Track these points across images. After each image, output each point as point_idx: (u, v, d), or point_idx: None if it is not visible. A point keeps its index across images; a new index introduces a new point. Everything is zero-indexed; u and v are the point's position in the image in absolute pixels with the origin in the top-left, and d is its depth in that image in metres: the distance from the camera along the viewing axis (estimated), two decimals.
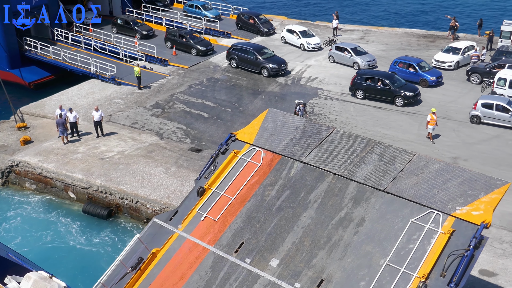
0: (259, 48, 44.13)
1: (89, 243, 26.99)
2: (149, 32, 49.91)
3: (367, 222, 14.80)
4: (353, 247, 14.41)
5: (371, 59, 44.15)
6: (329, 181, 15.91)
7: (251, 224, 15.51)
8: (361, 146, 16.77)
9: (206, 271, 14.87)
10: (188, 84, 41.61)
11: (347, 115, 36.18)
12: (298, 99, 36.17)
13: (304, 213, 15.36)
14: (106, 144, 32.65)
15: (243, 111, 37.22)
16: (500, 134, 33.37)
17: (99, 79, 41.63)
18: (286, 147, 17.08)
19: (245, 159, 17.02)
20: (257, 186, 16.28)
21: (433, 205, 14.65)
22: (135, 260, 15.42)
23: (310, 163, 16.46)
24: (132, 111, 37.06)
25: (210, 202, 16.30)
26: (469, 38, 50.05)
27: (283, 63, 42.98)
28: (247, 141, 17.47)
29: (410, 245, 14.04)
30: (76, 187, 29.20)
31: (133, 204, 27.75)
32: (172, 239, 15.83)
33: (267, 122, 18.05)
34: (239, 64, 43.88)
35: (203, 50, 46.52)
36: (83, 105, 37.70)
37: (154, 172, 29.56)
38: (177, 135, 33.93)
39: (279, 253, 14.75)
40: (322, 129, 17.68)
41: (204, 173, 17.15)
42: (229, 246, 15.21)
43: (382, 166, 16.01)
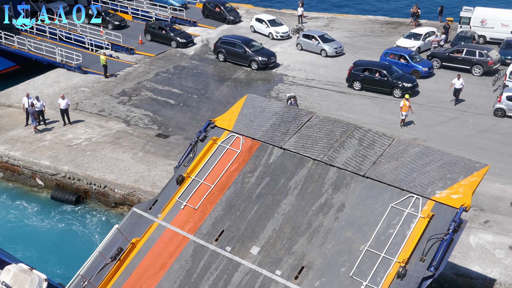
0: (247, 40, 43.32)
1: (58, 229, 26.76)
2: (121, 23, 49.26)
3: (347, 207, 14.66)
4: (333, 233, 14.28)
5: (338, 46, 44.17)
6: (309, 167, 15.73)
7: (231, 212, 15.33)
8: (340, 131, 16.56)
9: (186, 260, 14.73)
10: (155, 72, 41.70)
11: (311, 99, 37.04)
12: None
13: (284, 199, 15.22)
14: (73, 131, 32.48)
15: (210, 97, 37.71)
16: (458, 116, 34.64)
17: (65, 68, 41.22)
18: (265, 133, 16.84)
19: (224, 146, 16.77)
20: (236, 174, 16.07)
21: (412, 189, 14.52)
22: (114, 250, 15.16)
23: (289, 149, 16.23)
24: (99, 99, 36.98)
25: (189, 190, 16.09)
26: (431, 24, 51.28)
27: (272, 56, 42.34)
28: (226, 127, 17.23)
29: (390, 230, 13.95)
30: (43, 174, 29.04)
31: (101, 189, 27.80)
32: (152, 228, 15.60)
33: (246, 108, 17.80)
34: (227, 57, 43.05)
35: (183, 42, 45.94)
36: (49, 94, 37.45)
37: (121, 158, 29.60)
38: (144, 122, 34.08)
39: (259, 240, 14.61)
40: (302, 114, 17.42)
41: (183, 161, 16.91)
42: (209, 235, 15.03)
43: (361, 150, 15.84)
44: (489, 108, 35.06)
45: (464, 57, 39.90)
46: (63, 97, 32.66)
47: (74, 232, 26.80)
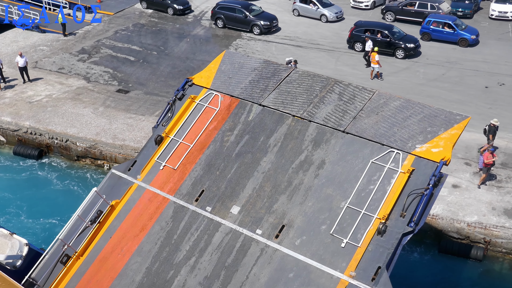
0: (247, 5, 41.92)
1: (23, 183, 26.94)
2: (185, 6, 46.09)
3: (327, 164, 14.43)
4: (313, 191, 14.11)
5: (338, 11, 42.69)
6: (289, 123, 15.44)
7: (211, 172, 15.06)
8: (320, 86, 16.17)
9: (167, 222, 14.55)
10: (114, 30, 41.60)
11: (268, 54, 37.82)
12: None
13: (264, 157, 14.95)
14: (33, 89, 32.48)
15: (169, 53, 38.09)
16: (409, 67, 35.99)
17: (22, 28, 41.72)
18: (244, 90, 16.42)
19: (203, 105, 16.37)
20: (215, 132, 15.77)
21: (393, 144, 14.29)
22: (94, 213, 14.89)
23: (269, 106, 15.88)
24: (58, 57, 36.87)
25: (168, 150, 15.80)
26: None
27: (274, 19, 41.10)
28: (204, 85, 16.81)
29: (370, 186, 13.82)
30: (5, 130, 29.06)
31: (63, 143, 28.08)
32: (131, 190, 15.37)
33: (224, 65, 17.35)
34: (226, 23, 41.53)
35: (180, 9, 44.47)
36: (7, 53, 37.04)
37: (82, 113, 29.82)
38: (104, 78, 34.30)
39: (239, 200, 14.43)
40: (281, 70, 16.98)
41: (162, 121, 16.53)
42: (189, 195, 14.84)
43: (342, 105, 15.49)
44: (440, 59, 36.49)
45: (416, 10, 41.08)
46: (21, 54, 32.59)
47: (39, 186, 27.11)
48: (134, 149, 27.24)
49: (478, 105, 30.79)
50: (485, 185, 24.12)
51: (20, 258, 15.55)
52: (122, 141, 27.66)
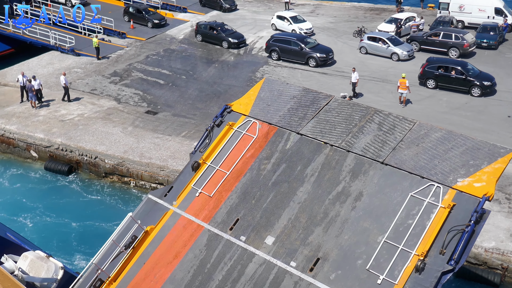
0: (302, 37, 41.69)
1: (52, 198, 27.88)
2: (161, 21, 48.40)
3: (365, 196, 14.01)
4: (350, 223, 13.68)
5: (410, 49, 41.09)
6: (326, 153, 15.08)
7: (246, 200, 14.85)
8: (359, 115, 15.77)
9: (200, 250, 14.36)
10: (145, 54, 42.95)
11: (294, 80, 38.54)
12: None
13: (301, 187, 14.63)
14: (66, 108, 33.63)
15: (197, 78, 39.12)
16: (433, 95, 36.35)
17: (58, 51, 42.62)
18: (282, 118, 16.21)
19: (241, 132, 16.20)
20: (252, 160, 15.59)
21: (433, 177, 13.78)
22: (128, 238, 14.77)
23: (307, 135, 15.60)
24: (91, 79, 38.17)
25: (205, 177, 15.64)
26: (413, 10, 53.13)
27: (330, 52, 40.40)
28: (242, 112, 16.66)
29: (409, 221, 13.31)
30: (37, 146, 30.17)
31: (92, 159, 29.04)
32: (167, 216, 15.24)
33: (263, 92, 17.22)
34: (281, 56, 41.01)
35: (235, 42, 43.79)
36: (43, 74, 38.37)
37: (112, 131, 30.76)
38: (134, 100, 35.48)
39: (274, 230, 14.12)
40: (320, 98, 16.65)
41: (199, 147, 16.42)
42: (224, 223, 14.61)
43: (381, 136, 15.08)
44: None
45: (441, 40, 41.46)
46: (64, 74, 34.40)
47: (69, 203, 27.91)
48: (160, 167, 28.04)
49: (500, 134, 30.90)
50: (503, 212, 24.20)
51: (55, 281, 15.53)
52: (148, 159, 28.50)
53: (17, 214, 26.85)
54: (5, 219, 25.90)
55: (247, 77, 38.81)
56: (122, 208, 27.33)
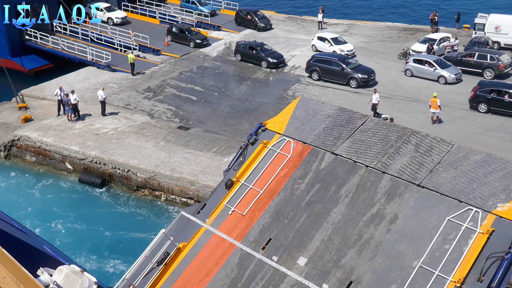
0: (343, 57, 41.45)
1: (85, 210, 28.50)
2: (203, 41, 48.76)
3: (400, 219, 13.76)
4: (384, 247, 13.48)
5: (458, 72, 39.99)
6: (361, 174, 14.87)
7: (279, 220, 14.76)
8: (396, 136, 15.58)
9: (232, 268, 14.29)
10: (179, 71, 43.72)
11: (326, 99, 38.66)
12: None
13: (334, 208, 14.50)
14: (101, 122, 34.48)
15: (229, 95, 39.66)
16: (466, 116, 36.03)
17: (95, 66, 43.58)
18: (317, 138, 16.12)
19: (275, 150, 16.19)
20: (286, 179, 15.50)
21: (472, 201, 13.48)
22: (161, 255, 14.88)
23: (341, 155, 15.45)
24: (126, 94, 39.06)
25: (238, 195, 15.64)
26: (448, 31, 52.87)
27: (372, 73, 40.07)
28: (277, 131, 16.67)
29: (445, 246, 13.05)
30: (72, 159, 31.00)
31: (124, 173, 29.65)
32: (199, 233, 15.27)
33: (298, 111, 17.19)
34: (322, 76, 40.77)
35: (275, 62, 43.92)
36: (80, 89, 39.36)
37: (144, 146, 31.43)
38: (167, 115, 36.22)
39: (307, 251, 13.99)
40: (356, 118, 16.53)
41: (233, 165, 16.42)
42: (256, 242, 14.55)
43: (418, 157, 14.85)
44: None
45: (476, 61, 41.19)
46: (103, 89, 35.46)
47: (99, 213, 28.66)
48: (190, 182, 28.46)
49: None
50: None
51: None
52: (179, 174, 28.97)
53: (51, 224, 27.61)
54: (38, 227, 26.71)
55: (278, 95, 39.18)
56: (152, 221, 27.84)
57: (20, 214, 27.66)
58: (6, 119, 36.31)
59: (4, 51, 45.89)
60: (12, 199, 29.67)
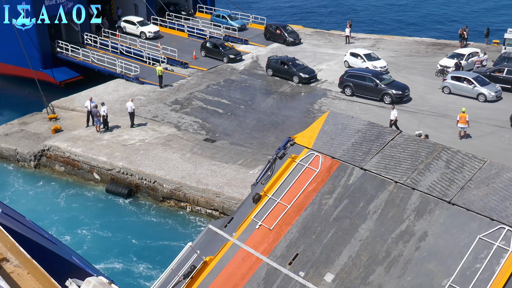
0: (377, 73, 41.02)
1: (111, 220, 29.02)
2: (237, 56, 48.78)
3: (430, 236, 13.59)
4: (413, 264, 13.31)
5: (497, 90, 39.08)
6: (391, 190, 14.73)
7: (306, 235, 14.71)
8: (426, 152, 15.42)
9: (258, 283, 14.24)
10: (206, 84, 44.27)
11: (352, 113, 38.63)
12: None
13: (363, 224, 14.38)
14: (128, 133, 35.07)
15: (256, 108, 39.95)
16: (495, 132, 35.70)
17: (123, 79, 44.41)
18: (346, 152, 16.04)
19: (303, 165, 16.14)
20: (314, 194, 15.45)
21: (504, 219, 13.26)
22: (187, 268, 14.85)
23: (370, 170, 15.35)
24: (153, 106, 39.67)
25: (265, 209, 15.64)
26: (477, 46, 52.48)
27: (406, 89, 39.53)
28: (305, 145, 16.66)
29: (476, 265, 12.81)
30: (100, 169, 31.62)
31: (151, 184, 30.06)
32: (226, 247, 15.27)
33: (327, 125, 17.14)
34: (355, 92, 40.36)
35: (306, 77, 43.73)
36: (108, 101, 40.03)
37: (171, 157, 31.88)
38: (194, 128, 36.63)
39: (334, 267, 13.87)
40: (386, 133, 16.45)
41: (261, 179, 16.46)
42: (283, 257, 14.50)
43: (448, 174, 14.64)
44: None
45: (504, 76, 40.83)
46: (132, 100, 36.10)
47: (125, 223, 29.11)
48: (216, 193, 28.72)
49: None
50: None
51: None
52: (205, 185, 29.26)
53: (77, 232, 28.16)
54: (65, 235, 27.22)
55: (304, 109, 39.36)
56: (178, 231, 28.18)
57: (47, 222, 28.25)
58: (36, 129, 37.17)
59: (36, 63, 46.98)
60: (39, 208, 30.33)
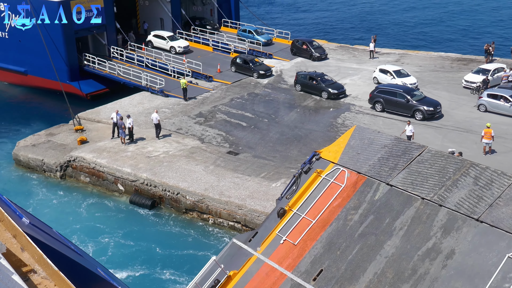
0: (408, 89, 40.58)
1: (135, 231, 29.32)
2: (267, 72, 48.67)
3: (457, 254, 13.35)
4: (440, 283, 13.09)
5: None
6: (417, 206, 14.57)
7: (331, 251, 14.58)
8: (454, 168, 15.18)
9: None
10: (230, 97, 44.69)
11: (375, 127, 38.68)
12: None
13: (388, 241, 14.22)
14: (153, 145, 35.52)
15: (279, 121, 40.19)
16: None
17: (149, 92, 45.10)
18: (372, 168, 15.90)
19: (328, 180, 16.05)
20: (339, 210, 15.36)
21: None
22: (211, 282, 14.80)
23: (397, 186, 15.20)
24: (178, 119, 40.18)
25: (290, 224, 15.56)
26: (502, 61, 52.12)
27: (438, 105, 39.02)
28: (331, 160, 16.56)
29: (505, 284, 12.56)
30: (124, 180, 32.03)
31: (174, 195, 30.34)
32: (250, 262, 15.21)
33: (353, 140, 17.03)
34: (385, 107, 40.13)
35: (335, 93, 43.63)
36: (134, 113, 40.69)
37: (194, 169, 32.21)
38: (217, 140, 36.97)
39: (359, 284, 13.73)
40: (412, 148, 16.25)
41: (286, 193, 16.39)
42: (307, 273, 14.41)
43: (477, 191, 14.41)
44: None
45: None
46: (157, 112, 36.59)
47: (148, 234, 29.38)
48: (238, 206, 28.89)
49: None
50: None
51: None
52: (227, 198, 29.46)
53: (101, 242, 28.53)
54: (89, 243, 27.59)
55: (328, 123, 39.42)
56: (200, 243, 28.39)
57: (70, 231, 28.78)
58: (63, 140, 37.85)
59: (64, 75, 47.94)
60: (63, 217, 30.84)
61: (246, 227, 28.46)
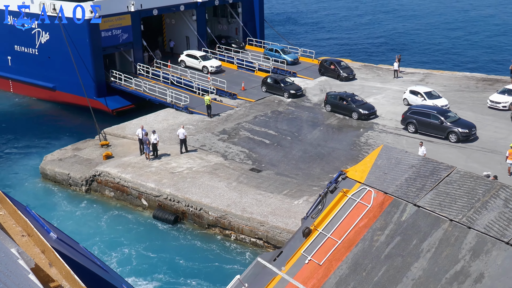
0: (442, 111, 39.87)
1: (157, 245, 29.63)
2: (297, 92, 48.62)
3: (486, 278, 13.06)
4: None
5: None
6: (445, 228, 14.28)
7: (357, 272, 14.35)
8: (483, 189, 14.84)
9: None
10: (254, 115, 45.10)
11: (399, 147, 38.79)
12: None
13: (415, 263, 13.94)
14: (177, 161, 36.06)
15: (302, 139, 40.41)
16: None
17: (173, 108, 45.79)
18: (399, 188, 15.62)
19: (355, 200, 15.85)
20: (365, 230, 15.14)
21: None
22: None
23: (424, 207, 14.92)
24: (201, 136, 40.69)
25: (315, 244, 15.44)
26: None
27: (473, 127, 38.27)
28: (357, 179, 16.34)
29: None
30: (148, 195, 32.46)
31: (197, 211, 30.65)
32: (275, 281, 15.07)
33: (380, 159, 16.79)
34: (418, 129, 39.57)
35: (366, 114, 43.31)
36: (158, 129, 41.30)
37: (217, 186, 32.53)
38: (240, 157, 37.27)
39: None
40: (441, 169, 15.94)
41: (311, 213, 16.30)
42: None
43: (507, 213, 14.07)
44: None
45: None
46: (183, 127, 37.14)
47: (172, 247, 29.71)
48: (260, 222, 29.05)
49: None
50: None
51: None
52: (250, 214, 29.66)
53: (125, 253, 28.92)
54: (112, 253, 27.97)
55: (351, 141, 39.49)
56: (222, 258, 28.56)
57: (90, 244, 29.11)
58: (89, 155, 38.55)
59: (91, 91, 48.94)
60: (86, 230, 31.35)
61: (268, 244, 28.60)
